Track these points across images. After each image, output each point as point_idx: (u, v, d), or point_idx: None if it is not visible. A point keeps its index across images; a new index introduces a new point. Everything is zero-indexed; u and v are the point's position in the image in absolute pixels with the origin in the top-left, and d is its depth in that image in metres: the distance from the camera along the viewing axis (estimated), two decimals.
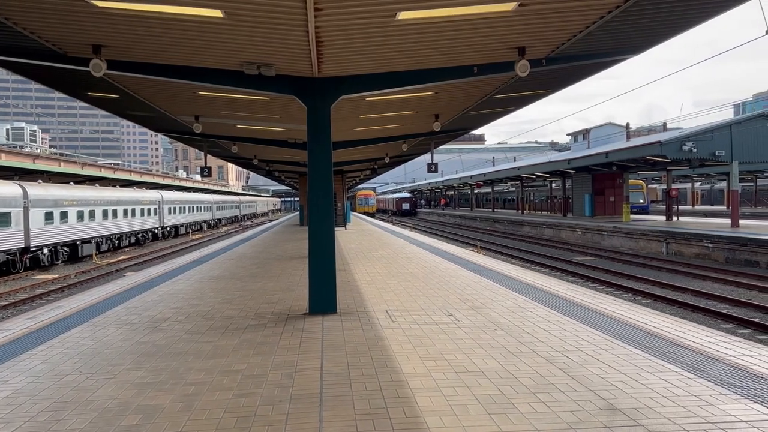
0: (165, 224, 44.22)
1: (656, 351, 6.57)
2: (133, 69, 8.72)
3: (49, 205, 26.26)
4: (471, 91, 12.37)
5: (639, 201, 47.46)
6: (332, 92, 9.35)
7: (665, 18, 7.70)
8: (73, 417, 4.87)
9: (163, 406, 5.07)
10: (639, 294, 16.19)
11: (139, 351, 7.03)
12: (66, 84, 11.15)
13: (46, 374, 6.15)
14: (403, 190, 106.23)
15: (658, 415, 4.68)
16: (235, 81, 9.12)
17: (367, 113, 14.53)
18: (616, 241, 29.98)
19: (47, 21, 6.89)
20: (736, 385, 5.36)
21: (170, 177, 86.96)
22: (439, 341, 7.24)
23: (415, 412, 4.85)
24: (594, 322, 8.13)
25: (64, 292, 19.86)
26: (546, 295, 10.52)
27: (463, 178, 65.91)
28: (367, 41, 7.75)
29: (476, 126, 19.32)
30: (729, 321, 12.75)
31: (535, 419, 4.64)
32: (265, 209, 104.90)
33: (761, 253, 20.59)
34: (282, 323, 8.47)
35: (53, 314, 9.68)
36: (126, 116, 15.91)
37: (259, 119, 15.19)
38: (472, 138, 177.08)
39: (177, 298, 10.99)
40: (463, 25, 7.34)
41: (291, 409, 4.99)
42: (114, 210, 33.69)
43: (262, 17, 6.61)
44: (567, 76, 11.26)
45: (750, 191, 61.08)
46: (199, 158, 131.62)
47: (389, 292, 11.02)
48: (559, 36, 8.13)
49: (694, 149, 26.53)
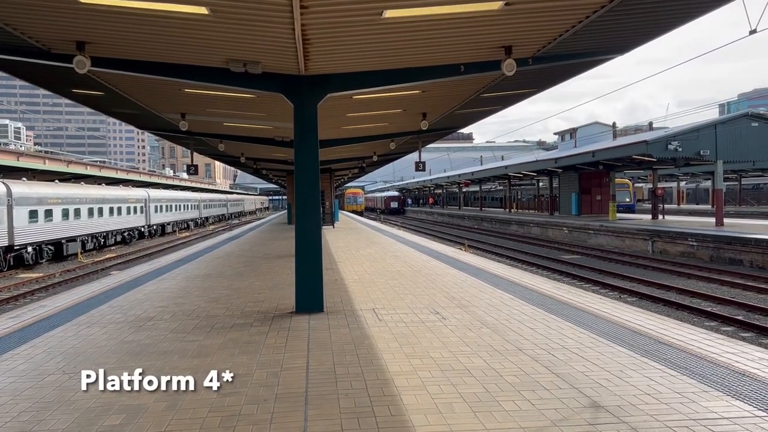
0: (151, 222, 43.85)
1: (640, 349, 6.62)
2: (118, 66, 8.65)
3: (34, 203, 25.95)
4: (458, 89, 12.38)
5: (625, 200, 47.73)
6: (319, 90, 9.32)
7: (651, 18, 7.76)
8: (56, 417, 4.83)
9: (147, 406, 5.04)
10: (624, 292, 16.30)
11: (123, 350, 6.97)
12: (50, 81, 11.03)
13: (28, 374, 6.08)
14: (391, 188, 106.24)
15: (641, 412, 4.72)
16: (221, 78, 9.06)
17: (354, 111, 14.51)
18: (602, 239, 30.18)
19: (30, 17, 6.81)
20: (719, 382, 5.42)
21: (157, 175, 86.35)
22: (425, 339, 7.25)
23: (401, 411, 4.85)
24: (579, 320, 8.18)
25: (49, 291, 19.64)
26: (532, 293, 10.57)
27: (452, 177, 65.97)
28: (353, 39, 7.74)
29: (464, 125, 19.38)
30: (713, 319, 12.87)
31: (520, 417, 4.66)
32: (252, 207, 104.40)
33: (745, 252, 20.81)
34: (268, 322, 8.44)
35: (37, 313, 9.57)
36: (111, 114, 15.80)
37: (245, 117, 15.12)
38: (461, 137, 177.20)
39: (162, 296, 10.92)
40: (450, 24, 7.35)
41: (276, 408, 4.97)
42: (100, 208, 33.36)
43: (247, 15, 6.57)
44: (553, 75, 11.32)
45: (734, 190, 61.69)
46: (186, 156, 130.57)
47: (376, 291, 11.02)
48: (545, 35, 8.17)
49: (679, 149, 26.75)
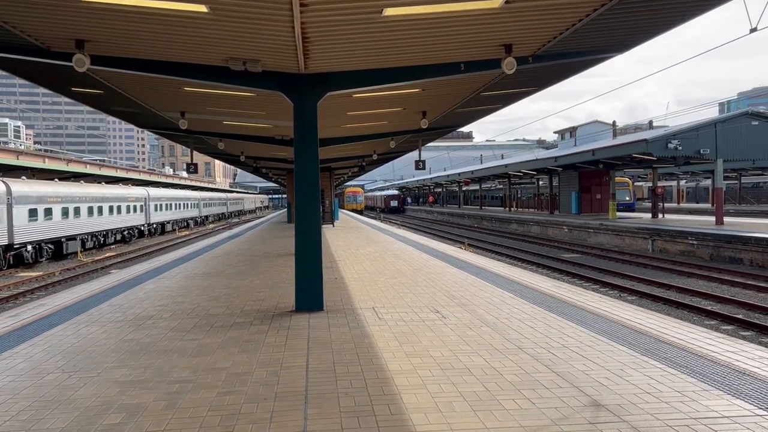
0: (151, 221, 43.86)
1: (640, 347, 6.62)
2: (117, 64, 8.63)
3: (34, 201, 25.94)
4: (458, 88, 12.37)
5: (625, 198, 47.73)
6: (319, 88, 9.32)
7: (651, 16, 7.74)
8: (55, 416, 4.82)
9: (147, 405, 5.03)
10: (624, 291, 16.30)
11: (123, 349, 6.96)
12: (49, 79, 11.00)
13: (27, 373, 6.08)
14: (391, 187, 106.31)
15: (641, 411, 4.71)
16: (221, 77, 9.06)
17: (354, 110, 14.49)
18: (602, 238, 30.17)
19: (29, 15, 6.80)
20: (719, 381, 5.41)
21: (156, 174, 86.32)
22: (425, 338, 7.24)
23: (401, 410, 4.84)
24: (579, 319, 8.18)
25: (48, 290, 19.64)
26: (532, 292, 10.56)
27: (451, 176, 65.95)
28: (353, 37, 7.72)
29: (464, 123, 19.34)
30: (713, 318, 12.87)
31: (520, 416, 4.66)
32: (252, 206, 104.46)
33: (745, 251, 20.81)
34: (268, 321, 8.43)
35: (36, 312, 9.57)
36: (111, 112, 15.75)
37: (245, 116, 15.10)
38: (460, 135, 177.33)
39: (162, 295, 10.91)
40: (450, 22, 7.33)
41: (276, 406, 4.97)
42: (99, 207, 33.36)
43: (247, 13, 6.56)
44: (554, 73, 11.29)
45: (734, 189, 61.72)
46: (186, 155, 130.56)
47: (376, 290, 11.01)
48: (545, 33, 8.15)
49: (679, 147, 26.77)
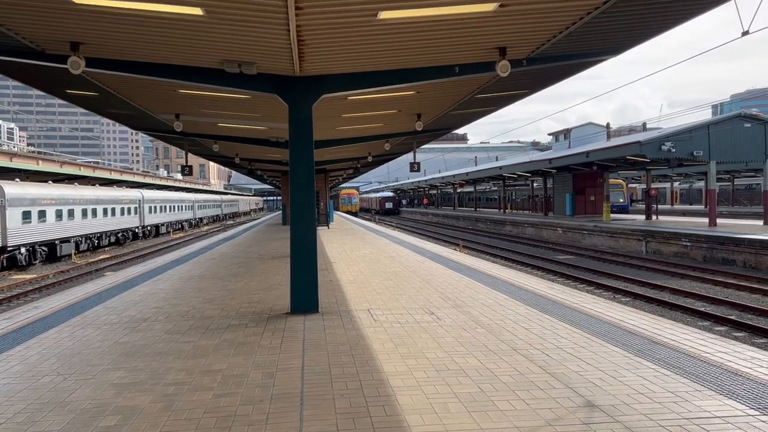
0: (145, 223, 43.76)
1: (634, 348, 6.66)
2: (112, 66, 8.63)
3: (27, 204, 25.85)
4: (453, 90, 12.41)
5: (619, 200, 47.97)
6: (314, 91, 9.34)
7: (644, 19, 7.79)
8: (50, 418, 4.82)
9: (142, 407, 5.03)
10: (618, 292, 16.38)
11: (118, 351, 6.96)
12: (43, 81, 10.98)
13: (22, 375, 6.06)
14: (386, 189, 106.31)
15: (635, 411, 4.75)
16: (215, 79, 9.07)
17: (349, 112, 14.52)
18: (596, 240, 30.28)
19: (24, 17, 6.79)
20: (711, 381, 5.45)
21: (151, 176, 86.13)
22: (420, 340, 7.26)
23: (396, 411, 4.86)
24: (573, 320, 8.22)
25: (42, 292, 19.57)
26: (527, 293, 10.60)
27: (446, 178, 66.07)
28: (348, 40, 7.75)
29: (458, 125, 19.40)
30: (706, 318, 12.95)
31: (515, 416, 4.68)
32: (247, 208, 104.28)
33: (738, 252, 20.93)
34: (263, 323, 8.44)
35: (31, 315, 9.54)
36: (105, 114, 15.73)
37: (240, 118, 15.11)
38: (455, 137, 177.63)
39: (157, 297, 10.90)
40: (445, 25, 7.37)
41: (271, 408, 4.98)
42: (93, 209, 33.26)
43: (242, 16, 6.57)
44: (547, 76, 11.35)
45: (727, 191, 62.05)
46: (181, 157, 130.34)
47: (371, 291, 11.03)
48: (539, 36, 8.20)
49: (672, 149, 26.90)
